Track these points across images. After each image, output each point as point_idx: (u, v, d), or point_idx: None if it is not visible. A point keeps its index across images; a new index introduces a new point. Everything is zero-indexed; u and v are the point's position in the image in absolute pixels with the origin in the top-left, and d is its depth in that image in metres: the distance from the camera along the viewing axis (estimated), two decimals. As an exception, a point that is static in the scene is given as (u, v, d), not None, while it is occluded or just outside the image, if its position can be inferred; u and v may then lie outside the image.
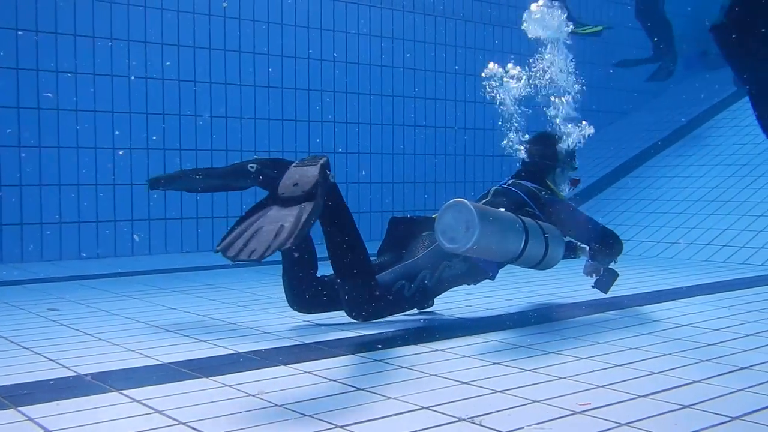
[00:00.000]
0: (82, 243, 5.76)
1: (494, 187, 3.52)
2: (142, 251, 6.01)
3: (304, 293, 3.15)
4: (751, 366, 2.41)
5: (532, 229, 3.10)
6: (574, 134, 3.73)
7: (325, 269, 3.12)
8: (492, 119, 8.25)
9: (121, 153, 5.87)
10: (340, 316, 3.35)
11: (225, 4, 6.25)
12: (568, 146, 3.72)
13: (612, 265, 3.63)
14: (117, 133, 5.92)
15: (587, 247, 3.59)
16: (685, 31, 9.44)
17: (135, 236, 5.97)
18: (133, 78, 5.99)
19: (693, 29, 9.50)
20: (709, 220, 5.94)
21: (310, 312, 3.25)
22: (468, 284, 3.38)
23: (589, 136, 3.78)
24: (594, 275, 3.65)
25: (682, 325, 3.10)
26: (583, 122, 3.77)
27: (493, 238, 2.89)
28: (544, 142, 3.70)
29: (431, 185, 7.82)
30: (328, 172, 2.67)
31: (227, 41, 6.46)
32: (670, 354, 2.60)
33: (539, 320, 3.27)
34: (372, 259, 3.11)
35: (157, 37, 6.16)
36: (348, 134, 7.21)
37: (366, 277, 2.96)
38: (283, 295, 3.18)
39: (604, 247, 3.55)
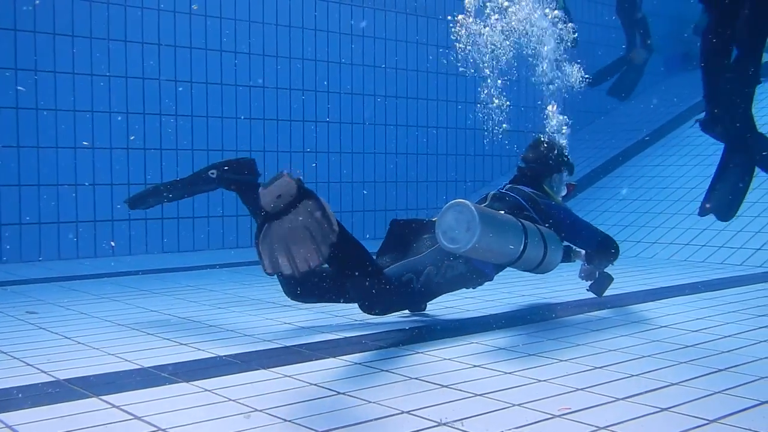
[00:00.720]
0: (62, 244, 5.72)
1: (492, 192, 3.54)
2: (123, 252, 5.98)
3: (301, 282, 3.11)
4: (728, 368, 2.43)
5: (532, 231, 3.14)
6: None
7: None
8: (474, 118, 8.29)
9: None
10: (321, 317, 3.35)
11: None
12: (564, 151, 3.75)
13: (608, 268, 3.67)
14: (97, 133, 5.89)
15: (583, 252, 3.61)
16: (667, 32, 9.51)
17: (112, 242, 5.94)
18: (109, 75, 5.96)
19: (675, 30, 9.57)
20: (688, 219, 5.97)
21: (305, 300, 3.25)
22: (467, 288, 3.38)
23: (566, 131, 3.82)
24: (589, 279, 3.70)
25: (661, 326, 3.12)
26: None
27: (494, 239, 2.93)
28: (541, 147, 3.72)
29: (413, 185, 7.83)
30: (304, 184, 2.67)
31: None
32: (648, 356, 2.61)
33: (520, 322, 3.28)
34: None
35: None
36: (330, 134, 7.20)
37: (374, 273, 2.94)
38: (263, 296, 3.17)
39: (601, 252, 3.58)
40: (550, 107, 4.06)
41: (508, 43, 3.96)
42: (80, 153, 5.81)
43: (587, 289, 3.66)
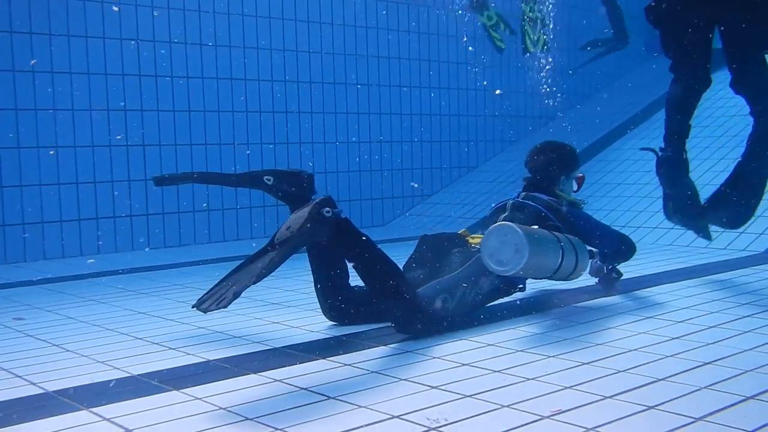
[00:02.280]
0: (47, 243, 5.70)
1: (510, 201, 3.55)
2: (109, 249, 5.96)
3: (338, 303, 3.15)
4: (714, 361, 2.46)
5: (565, 243, 3.20)
6: None
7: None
8: (459, 105, 8.30)
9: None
10: (310, 315, 3.36)
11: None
12: (570, 150, 3.79)
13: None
14: (78, 131, 5.86)
15: (595, 250, 3.65)
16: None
17: (99, 241, 5.93)
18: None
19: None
20: (672, 203, 6.00)
21: (346, 322, 3.19)
22: (501, 298, 3.39)
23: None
24: (597, 275, 3.79)
25: (647, 317, 3.15)
26: None
27: (538, 258, 3.01)
28: (547, 152, 3.72)
29: (398, 173, 7.83)
30: (326, 210, 2.67)
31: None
32: (634, 350, 2.64)
33: (505, 317, 3.28)
34: None
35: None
36: (313, 124, 7.19)
37: (408, 295, 2.89)
38: (251, 294, 3.17)
39: (620, 252, 3.70)
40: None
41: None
42: (62, 153, 5.77)
43: (596, 284, 3.77)
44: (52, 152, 5.71)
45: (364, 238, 2.84)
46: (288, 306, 3.62)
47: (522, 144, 8.62)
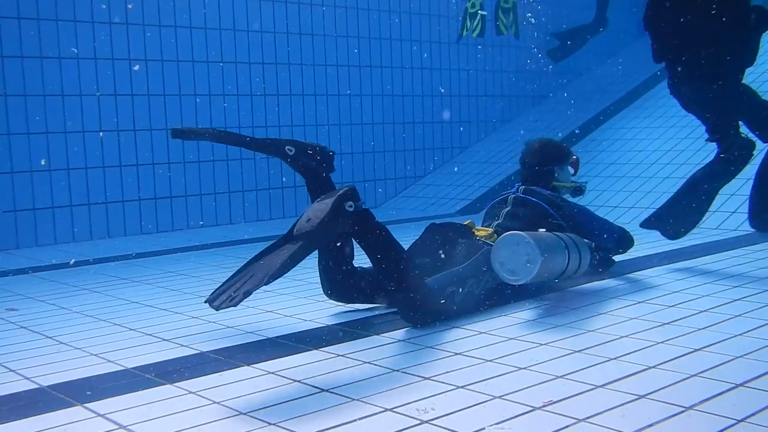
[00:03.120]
0: (39, 230, 5.69)
1: (511, 195, 3.64)
2: (101, 235, 5.95)
3: (339, 282, 3.14)
4: (704, 347, 2.48)
5: (571, 247, 3.25)
6: None
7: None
8: (452, 85, 8.28)
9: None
10: (303, 303, 3.37)
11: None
12: (560, 145, 3.89)
13: None
14: (69, 116, 5.83)
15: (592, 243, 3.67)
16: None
17: (91, 227, 5.91)
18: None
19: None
20: (664, 183, 6.02)
21: (345, 301, 3.24)
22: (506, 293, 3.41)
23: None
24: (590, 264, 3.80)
25: (638, 302, 3.17)
26: None
27: (547, 265, 3.07)
28: (541, 148, 3.82)
29: (390, 154, 7.82)
30: (349, 204, 2.67)
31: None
32: (625, 336, 2.66)
33: (496, 303, 3.28)
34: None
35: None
36: (305, 107, 7.17)
37: (418, 288, 2.89)
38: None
39: (619, 246, 3.81)
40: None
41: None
42: (52, 138, 5.75)
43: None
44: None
45: (383, 232, 2.84)
46: (281, 294, 3.62)
47: (514, 124, 8.62)
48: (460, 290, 3.03)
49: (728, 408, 1.93)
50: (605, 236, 3.70)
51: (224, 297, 2.37)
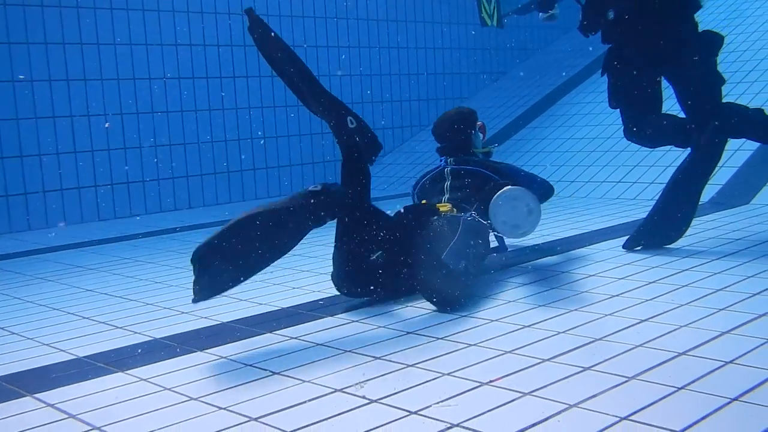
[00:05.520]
0: (-6, 219, 5.62)
1: (446, 169, 3.65)
2: (57, 223, 5.88)
3: (363, 271, 2.94)
4: (650, 318, 2.52)
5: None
6: None
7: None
8: (410, 64, 8.27)
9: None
10: (257, 287, 3.37)
11: None
12: (467, 109, 3.91)
13: None
14: (20, 103, 5.74)
15: None
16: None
17: (47, 214, 5.83)
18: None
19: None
20: (620, 157, 6.10)
21: (361, 294, 3.02)
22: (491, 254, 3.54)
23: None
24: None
25: (590, 276, 3.21)
26: None
27: None
28: (452, 118, 3.83)
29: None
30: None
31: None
32: (575, 309, 2.70)
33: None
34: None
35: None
36: (262, 88, 7.12)
37: (446, 267, 2.82)
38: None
39: (544, 195, 3.88)
40: None
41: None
42: (3, 125, 5.66)
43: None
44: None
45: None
46: (237, 277, 3.62)
47: (472, 101, 8.64)
48: (468, 260, 3.00)
49: (674, 375, 1.97)
50: (534, 186, 3.73)
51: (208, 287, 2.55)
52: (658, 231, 3.68)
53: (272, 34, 2.84)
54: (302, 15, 7.40)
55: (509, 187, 3.16)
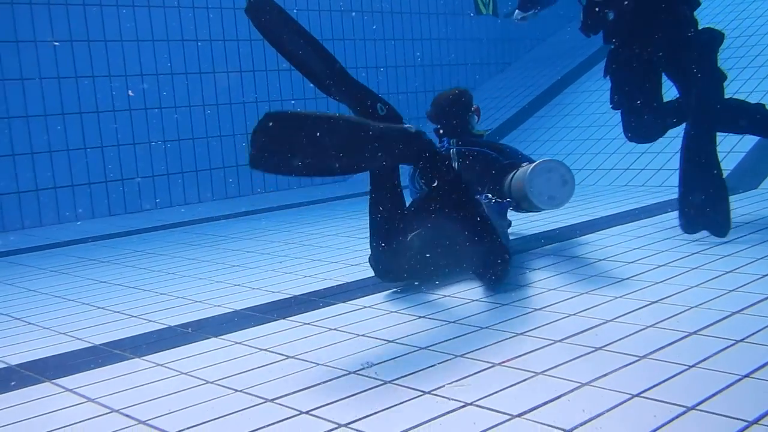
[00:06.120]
0: (5, 215, 5.65)
1: (452, 149, 3.57)
2: (69, 218, 5.92)
3: (393, 251, 2.88)
4: (660, 299, 2.54)
5: None
6: None
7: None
8: (414, 56, 8.27)
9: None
10: (269, 276, 3.40)
11: None
12: (464, 90, 3.90)
13: None
14: (30, 100, 5.77)
15: None
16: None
17: (59, 210, 5.87)
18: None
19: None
20: (628, 144, 6.05)
21: (395, 276, 2.98)
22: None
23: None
24: None
25: (600, 260, 3.23)
26: None
27: None
28: (450, 100, 3.81)
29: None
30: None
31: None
32: (585, 293, 2.71)
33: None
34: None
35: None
36: (268, 82, 7.15)
37: (496, 240, 2.88)
38: (211, 257, 3.10)
39: None
40: None
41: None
42: (15, 123, 5.70)
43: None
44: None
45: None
46: (249, 268, 3.65)
47: (478, 91, 8.64)
48: (505, 235, 3.12)
49: (684, 353, 1.99)
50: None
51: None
52: (707, 206, 3.43)
53: (281, 14, 2.87)
54: (307, 8, 7.42)
55: (543, 160, 3.24)
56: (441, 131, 3.78)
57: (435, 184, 2.83)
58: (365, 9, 7.90)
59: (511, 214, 3.63)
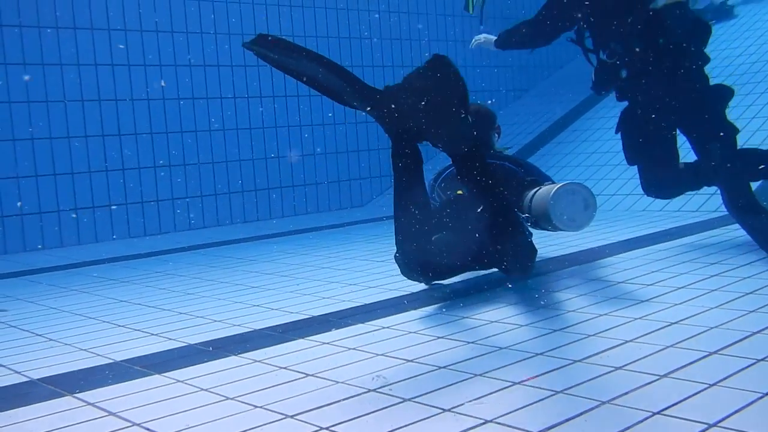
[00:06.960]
0: (26, 235, 5.71)
1: None
2: (89, 240, 5.98)
3: (424, 250, 2.97)
4: (680, 321, 2.53)
5: None
6: None
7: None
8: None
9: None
10: (288, 297, 3.41)
11: None
12: (488, 109, 3.95)
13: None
14: (54, 122, 5.85)
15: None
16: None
17: (79, 232, 5.92)
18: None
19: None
20: (645, 170, 6.08)
21: (423, 275, 3.10)
22: None
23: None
24: None
25: (619, 282, 3.23)
26: None
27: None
28: (486, 112, 3.88)
29: (373, 152, 7.87)
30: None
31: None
32: (605, 314, 2.71)
33: (477, 289, 3.34)
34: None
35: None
36: (288, 107, 7.21)
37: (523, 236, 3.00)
38: (230, 278, 3.11)
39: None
40: None
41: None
42: (38, 144, 5.78)
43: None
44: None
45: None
46: (267, 289, 3.67)
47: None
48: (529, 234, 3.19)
49: (706, 371, 1.99)
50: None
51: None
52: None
53: (281, 43, 2.99)
54: (326, 35, 7.50)
55: (568, 182, 3.25)
56: None
57: (467, 178, 2.91)
58: (394, 36, 7.97)
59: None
